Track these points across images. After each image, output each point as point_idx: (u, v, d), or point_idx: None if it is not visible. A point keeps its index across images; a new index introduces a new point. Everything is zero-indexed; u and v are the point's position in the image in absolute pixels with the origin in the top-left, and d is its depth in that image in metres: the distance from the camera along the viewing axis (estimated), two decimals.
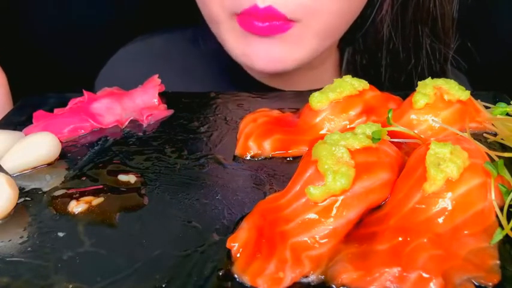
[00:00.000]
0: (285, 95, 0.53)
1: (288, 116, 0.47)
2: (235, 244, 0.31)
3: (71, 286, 0.30)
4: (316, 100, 0.44)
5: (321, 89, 0.45)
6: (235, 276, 0.30)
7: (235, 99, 0.52)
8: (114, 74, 0.71)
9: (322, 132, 0.43)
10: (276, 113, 0.47)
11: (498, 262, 0.30)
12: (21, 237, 0.34)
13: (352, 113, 0.44)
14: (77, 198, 0.37)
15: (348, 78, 0.45)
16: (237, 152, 0.43)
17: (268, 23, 0.49)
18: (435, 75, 0.52)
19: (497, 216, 0.33)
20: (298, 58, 0.53)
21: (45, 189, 0.39)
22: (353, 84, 0.44)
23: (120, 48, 0.72)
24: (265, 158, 0.42)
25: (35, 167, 0.41)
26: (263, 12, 0.47)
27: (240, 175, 0.40)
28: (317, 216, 0.32)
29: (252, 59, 0.53)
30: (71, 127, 0.46)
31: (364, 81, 0.45)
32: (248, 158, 0.42)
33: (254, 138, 0.43)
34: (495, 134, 0.42)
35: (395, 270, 0.29)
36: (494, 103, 0.45)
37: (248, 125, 0.45)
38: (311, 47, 0.53)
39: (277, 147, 0.43)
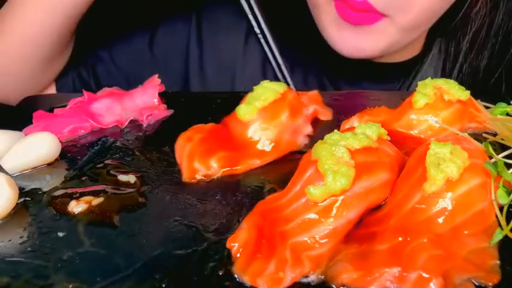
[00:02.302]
0: None
1: (219, 129, 0.44)
2: (235, 244, 0.31)
3: (71, 286, 0.30)
4: (244, 112, 0.42)
5: None
6: (235, 276, 0.30)
7: (235, 99, 0.52)
8: None
9: None
10: (209, 126, 0.45)
11: (498, 262, 0.31)
12: (21, 237, 0.34)
13: (283, 117, 0.43)
14: (77, 198, 0.37)
15: (265, 83, 0.44)
16: (185, 176, 0.40)
17: (360, 13, 0.52)
18: None
19: (497, 216, 0.33)
20: (381, 49, 0.55)
21: (45, 189, 0.39)
22: (274, 89, 0.43)
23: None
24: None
25: (35, 167, 0.41)
26: (358, 4, 0.51)
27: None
28: (317, 216, 0.32)
29: (340, 45, 0.56)
30: (71, 127, 0.46)
31: (281, 83, 0.45)
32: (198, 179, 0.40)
33: (198, 158, 0.41)
34: (495, 134, 0.42)
35: (395, 270, 0.29)
36: (494, 103, 0.45)
37: (185, 145, 0.42)
38: (393, 40, 0.55)
39: (225, 165, 0.41)
